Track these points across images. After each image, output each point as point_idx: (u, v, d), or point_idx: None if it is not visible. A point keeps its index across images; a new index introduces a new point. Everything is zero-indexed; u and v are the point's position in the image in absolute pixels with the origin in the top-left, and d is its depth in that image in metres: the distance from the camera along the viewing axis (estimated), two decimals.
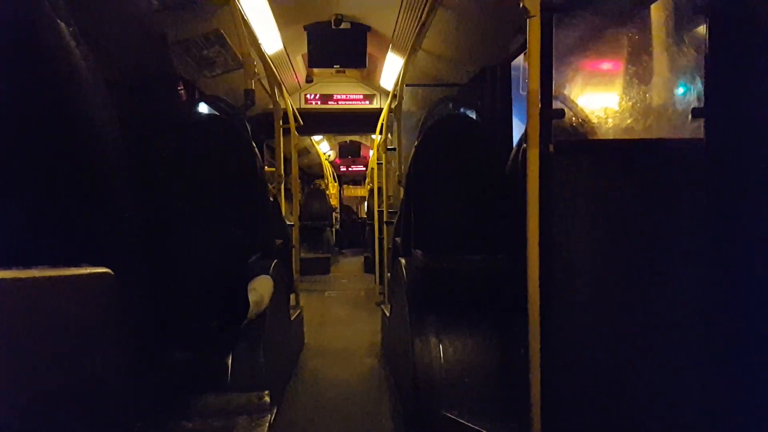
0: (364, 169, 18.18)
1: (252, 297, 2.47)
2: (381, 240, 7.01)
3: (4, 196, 1.09)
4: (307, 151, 15.85)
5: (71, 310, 0.98)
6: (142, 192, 1.39)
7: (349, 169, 20.38)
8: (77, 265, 1.02)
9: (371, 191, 10.62)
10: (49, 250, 1.09)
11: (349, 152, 18.12)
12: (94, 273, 1.04)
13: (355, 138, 16.68)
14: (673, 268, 1.97)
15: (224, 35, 5.35)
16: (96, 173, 1.23)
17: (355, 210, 21.28)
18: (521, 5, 1.97)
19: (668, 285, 1.96)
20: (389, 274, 5.53)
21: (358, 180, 21.75)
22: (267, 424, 1.81)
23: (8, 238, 1.07)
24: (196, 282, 1.86)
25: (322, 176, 16.45)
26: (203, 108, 3.81)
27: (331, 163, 18.35)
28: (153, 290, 1.46)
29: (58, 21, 1.16)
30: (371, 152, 16.27)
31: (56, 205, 1.14)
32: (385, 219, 6.49)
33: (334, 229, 15.25)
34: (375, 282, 7.88)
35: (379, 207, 7.37)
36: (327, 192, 15.05)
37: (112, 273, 1.07)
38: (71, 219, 1.16)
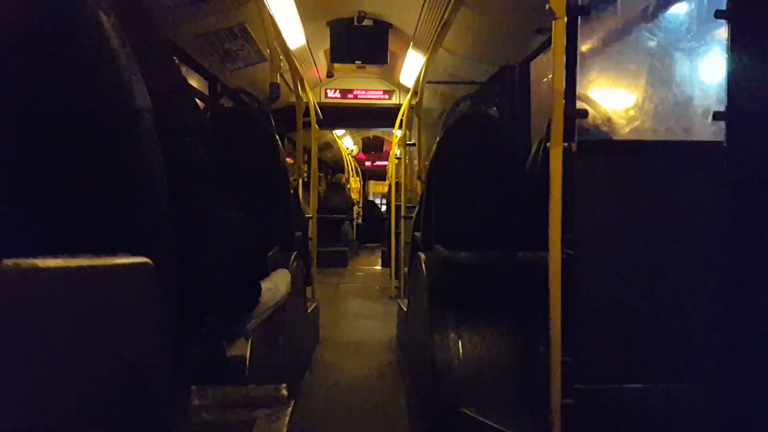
0: (388, 164, 18.14)
1: (266, 285, 2.48)
2: (398, 234, 7.02)
3: (47, 187, 1.11)
4: (330, 146, 15.90)
5: (114, 300, 1.01)
6: (173, 182, 1.41)
7: (374, 164, 20.29)
8: (116, 254, 1.04)
9: (391, 186, 10.64)
10: (89, 239, 1.11)
11: (373, 148, 18.06)
12: (135, 263, 1.06)
13: (378, 133, 16.65)
14: (694, 268, 1.99)
15: (249, 29, 5.39)
16: (134, 164, 1.25)
17: (379, 206, 21.20)
18: (547, 7, 1.99)
19: (688, 284, 1.98)
20: (407, 269, 5.54)
21: (382, 175, 21.57)
22: (287, 417, 1.83)
23: (49, 228, 1.09)
24: (215, 271, 1.88)
25: (342, 170, 16.47)
26: (228, 100, 3.85)
27: (354, 158, 18.34)
28: (180, 280, 1.48)
29: (100, 12, 1.16)
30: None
31: (97, 195, 1.16)
32: (402, 214, 6.51)
33: (355, 224, 15.24)
34: (390, 276, 7.88)
35: (397, 201, 7.39)
36: (348, 186, 15.07)
37: (151, 263, 1.10)
38: (111, 208, 1.18)
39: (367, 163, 20.12)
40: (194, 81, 5.76)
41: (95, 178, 1.16)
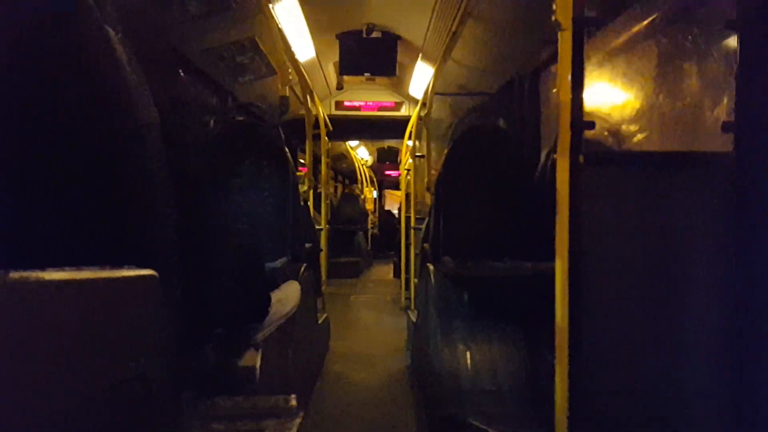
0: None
1: (276, 296, 2.50)
2: (408, 245, 7.01)
3: (54, 200, 1.12)
4: (344, 157, 15.90)
5: (120, 311, 1.01)
6: (180, 195, 1.42)
7: (390, 174, 20.24)
8: (122, 266, 1.05)
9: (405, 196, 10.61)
10: (96, 251, 1.12)
11: (387, 158, 18.01)
12: (141, 275, 1.07)
13: (393, 143, 16.63)
14: (702, 280, 1.98)
15: (258, 43, 5.41)
16: (140, 177, 1.25)
17: (396, 215, 21.16)
18: (553, 18, 1.99)
19: (697, 297, 1.97)
20: (416, 280, 5.54)
21: (398, 185, 21.38)
22: (296, 428, 1.83)
23: (56, 241, 1.10)
24: (221, 279, 1.89)
25: (355, 181, 16.44)
26: (237, 113, 3.87)
27: (371, 167, 18.32)
28: (187, 291, 1.49)
29: (107, 27, 1.18)
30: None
31: (103, 208, 1.17)
32: (412, 225, 6.50)
33: (370, 234, 15.21)
34: (401, 287, 7.87)
35: (407, 213, 7.39)
36: (361, 196, 15.03)
37: (157, 275, 1.10)
38: (117, 221, 1.19)
39: (385, 173, 20.08)
40: (205, 94, 5.79)
41: (102, 192, 1.17)
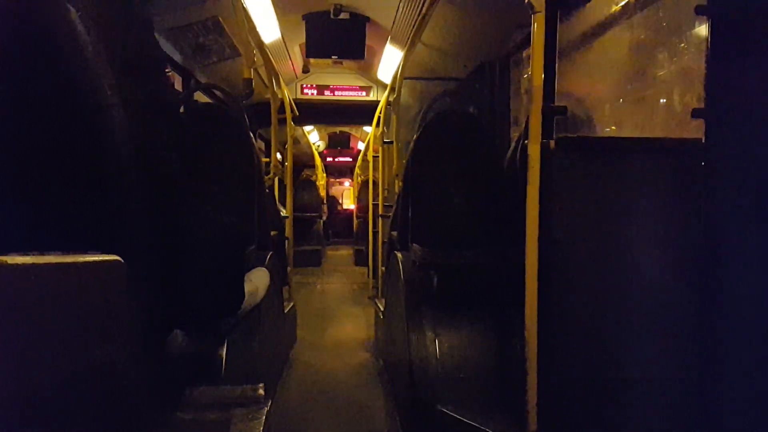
0: (352, 160, 17.93)
1: (247, 287, 2.47)
2: (375, 233, 6.99)
3: (15, 184, 1.08)
4: (297, 141, 15.77)
5: (84, 298, 0.99)
6: (145, 179, 1.39)
7: (336, 160, 20.12)
8: (87, 252, 1.02)
9: (365, 182, 10.58)
10: (60, 237, 1.09)
11: (339, 143, 17.92)
12: (106, 261, 1.04)
13: (345, 129, 16.55)
14: (670, 266, 1.98)
15: (222, 23, 5.33)
16: (105, 160, 1.23)
17: (339, 201, 21.21)
18: (527, 1, 1.97)
19: (665, 282, 1.97)
20: (384, 268, 5.52)
21: (344, 171, 21.37)
22: (263, 417, 1.81)
23: (20, 226, 1.07)
24: (194, 271, 1.86)
25: (311, 166, 16.28)
26: (201, 96, 3.80)
27: (319, 153, 18.22)
28: (155, 279, 1.46)
29: (69, 6, 1.16)
30: (360, 144, 16.06)
31: (67, 192, 1.14)
32: (380, 212, 6.48)
33: (322, 222, 15.17)
34: (368, 276, 7.88)
35: (374, 200, 7.35)
36: (317, 183, 14.96)
37: (123, 261, 1.07)
38: (82, 206, 1.16)
39: (329, 159, 19.89)
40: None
41: (65, 174, 1.14)
